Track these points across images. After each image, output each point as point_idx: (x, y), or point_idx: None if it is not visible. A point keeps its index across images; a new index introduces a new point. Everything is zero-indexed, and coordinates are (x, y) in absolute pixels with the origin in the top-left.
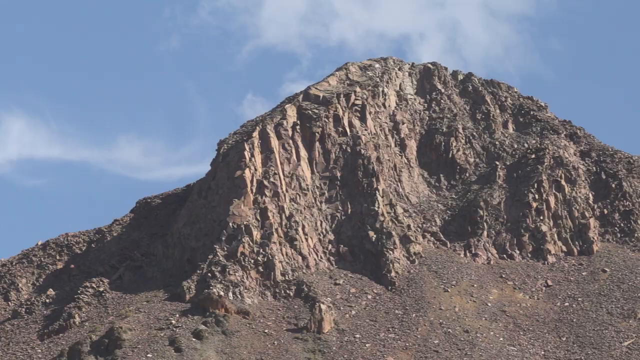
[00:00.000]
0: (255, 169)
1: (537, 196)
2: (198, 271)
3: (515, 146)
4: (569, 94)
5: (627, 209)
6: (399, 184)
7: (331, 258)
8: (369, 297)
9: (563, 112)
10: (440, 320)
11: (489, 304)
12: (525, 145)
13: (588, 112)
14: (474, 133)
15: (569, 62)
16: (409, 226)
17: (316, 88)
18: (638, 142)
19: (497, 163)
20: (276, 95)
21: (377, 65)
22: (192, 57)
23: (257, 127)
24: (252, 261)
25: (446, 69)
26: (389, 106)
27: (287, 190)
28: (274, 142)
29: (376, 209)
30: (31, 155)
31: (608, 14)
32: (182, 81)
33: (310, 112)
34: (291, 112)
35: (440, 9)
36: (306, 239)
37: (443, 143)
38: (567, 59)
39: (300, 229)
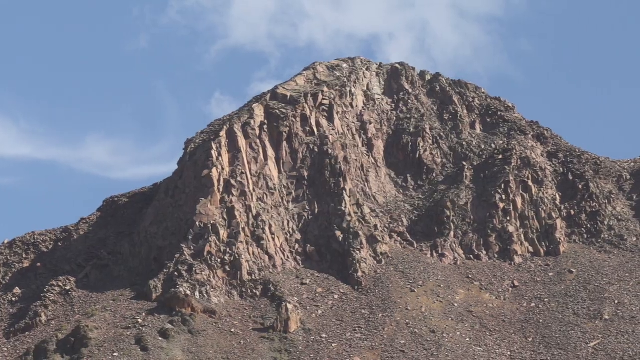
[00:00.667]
0: (223, 168)
1: (504, 197)
2: (165, 270)
3: (483, 147)
4: (537, 95)
5: (593, 210)
6: (366, 184)
7: (298, 258)
8: (336, 296)
9: (530, 113)
10: (407, 321)
11: (456, 304)
12: (493, 145)
13: (556, 113)
14: (442, 133)
15: (537, 63)
16: (375, 226)
17: (284, 87)
18: (605, 143)
19: (464, 163)
20: (244, 95)
21: (344, 65)
22: (161, 57)
23: (225, 126)
24: (219, 260)
25: (414, 69)
26: (357, 106)
27: (254, 190)
28: (242, 142)
29: (343, 208)
30: (1, 154)
31: (578, 15)
32: (151, 80)
33: (277, 111)
34: (259, 111)
35: (410, 10)
36: (273, 239)
37: (410, 143)
38: (536, 60)
39: (267, 228)
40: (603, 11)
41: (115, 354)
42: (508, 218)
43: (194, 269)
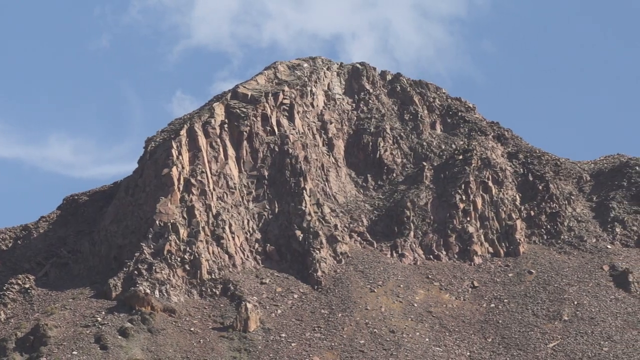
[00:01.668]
0: (183, 167)
1: (464, 197)
2: (124, 269)
3: (443, 147)
4: (499, 96)
5: (553, 211)
6: (326, 184)
7: (258, 257)
8: (295, 296)
9: (491, 113)
10: (366, 320)
11: (415, 305)
12: (453, 146)
13: (516, 114)
14: (402, 133)
15: (500, 65)
16: (335, 226)
17: (244, 87)
18: (565, 144)
19: (425, 164)
20: (207, 94)
21: (305, 65)
22: (123, 56)
23: (185, 125)
24: (179, 259)
25: (375, 69)
26: (317, 106)
27: (214, 189)
28: (202, 141)
29: (303, 208)
30: None
31: (540, 17)
32: (115, 80)
33: (238, 110)
34: (219, 110)
35: (372, 9)
36: (233, 238)
37: (371, 143)
38: (498, 61)
39: (227, 227)
40: (565, 14)
41: (74, 353)
42: (468, 218)
43: (153, 267)
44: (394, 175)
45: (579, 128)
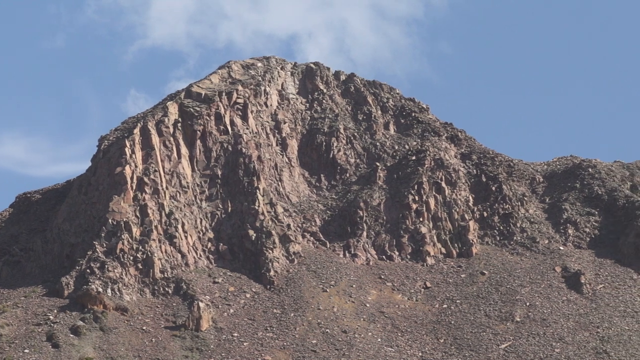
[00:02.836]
0: (136, 166)
1: (417, 198)
2: (77, 267)
3: (396, 147)
4: (453, 97)
5: (506, 212)
6: (279, 183)
7: (210, 256)
8: (248, 295)
9: (445, 114)
10: (319, 320)
11: (368, 305)
12: (406, 146)
13: (470, 115)
14: (355, 134)
15: (456, 66)
16: (288, 225)
17: (198, 86)
18: (519, 146)
19: (378, 164)
20: (162, 94)
21: (259, 64)
22: (78, 55)
23: (139, 124)
24: (131, 258)
25: (329, 69)
26: (271, 105)
27: (167, 188)
28: (155, 139)
29: (256, 207)
30: None
31: (497, 19)
32: (70, 79)
33: (191, 109)
34: (173, 109)
35: (329, 9)
36: (186, 237)
37: (324, 143)
38: (454, 62)
39: (180, 226)
40: (523, 15)
41: (26, 351)
42: (421, 219)
43: (106, 266)
44: (347, 175)
45: (532, 130)
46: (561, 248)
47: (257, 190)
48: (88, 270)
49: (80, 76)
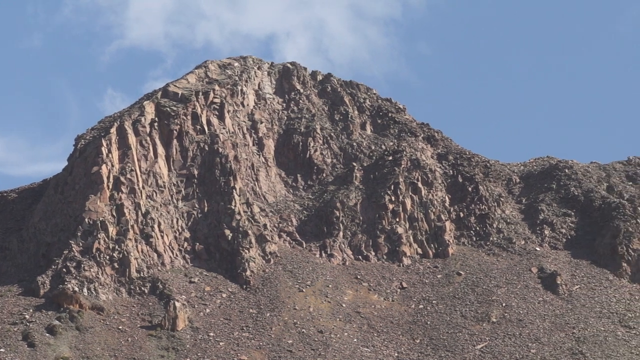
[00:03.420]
0: (112, 165)
1: (393, 198)
2: (53, 266)
3: (373, 148)
4: (430, 98)
5: (482, 212)
6: (256, 183)
7: (187, 256)
8: (224, 295)
9: (422, 115)
10: (295, 320)
11: (344, 305)
12: (383, 147)
13: (447, 116)
14: (332, 134)
15: (433, 66)
16: (265, 225)
17: (175, 85)
18: (495, 146)
19: (354, 164)
20: (139, 93)
21: (236, 64)
22: (56, 55)
23: (115, 123)
24: (108, 257)
25: (305, 69)
26: (248, 105)
27: (143, 187)
28: (132, 139)
29: (233, 207)
30: None
31: (476, 20)
32: (47, 79)
33: (168, 109)
34: (149, 109)
35: (307, 9)
36: (162, 236)
37: (301, 143)
38: (432, 62)
39: (156, 226)
40: (500, 16)
41: (1, 350)
42: (397, 219)
43: (82, 265)
44: (324, 175)
45: (509, 130)
46: (537, 249)
47: (234, 190)
48: (64, 270)
49: (57, 76)
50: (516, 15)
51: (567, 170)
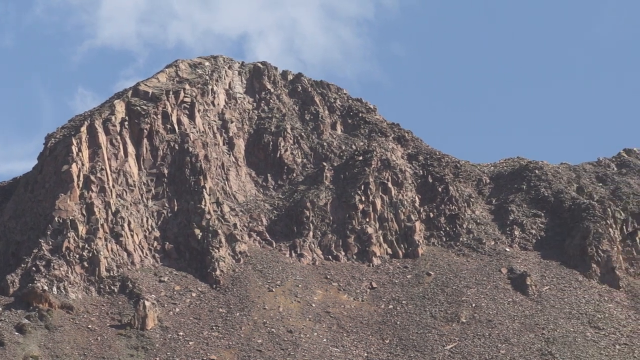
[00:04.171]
0: (83, 164)
1: (363, 198)
2: (22, 265)
3: (343, 147)
4: (401, 98)
5: (452, 213)
6: (226, 183)
7: (156, 255)
8: (194, 295)
9: (392, 115)
10: (264, 320)
11: (314, 305)
12: (353, 147)
13: (417, 116)
14: (302, 133)
15: (404, 66)
16: (235, 225)
17: (145, 84)
18: (466, 147)
19: (325, 164)
20: (110, 92)
21: (207, 64)
22: (27, 55)
23: (85, 122)
24: (77, 256)
25: (276, 68)
26: (218, 104)
27: (113, 186)
28: (102, 138)
29: (203, 206)
30: None
31: (449, 19)
32: (19, 79)
33: (139, 108)
34: (120, 107)
35: (279, 9)
36: (132, 235)
37: (271, 143)
38: (402, 62)
39: (126, 225)
40: (473, 17)
41: None
42: (367, 219)
43: (52, 264)
44: (294, 175)
45: (479, 131)
46: (507, 249)
47: (204, 190)
48: (34, 268)
49: (29, 75)
50: (488, 17)
51: (537, 171)
